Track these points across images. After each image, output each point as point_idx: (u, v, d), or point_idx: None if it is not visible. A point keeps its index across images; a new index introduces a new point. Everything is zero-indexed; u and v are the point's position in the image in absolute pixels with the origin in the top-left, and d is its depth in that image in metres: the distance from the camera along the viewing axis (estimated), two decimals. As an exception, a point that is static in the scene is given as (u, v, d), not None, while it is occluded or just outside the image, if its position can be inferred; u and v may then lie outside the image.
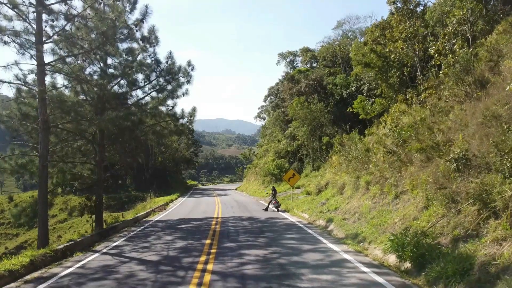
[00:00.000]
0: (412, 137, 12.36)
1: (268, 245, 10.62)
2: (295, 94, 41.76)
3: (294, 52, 60.88)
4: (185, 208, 26.07)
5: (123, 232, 14.93)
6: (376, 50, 19.07)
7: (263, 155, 52.12)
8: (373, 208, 12.72)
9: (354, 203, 15.10)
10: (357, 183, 16.17)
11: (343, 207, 15.91)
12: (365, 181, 15.08)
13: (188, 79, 19.33)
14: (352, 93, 39.61)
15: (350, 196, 16.50)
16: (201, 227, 15.16)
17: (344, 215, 14.65)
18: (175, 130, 20.35)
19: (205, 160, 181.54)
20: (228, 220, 17.33)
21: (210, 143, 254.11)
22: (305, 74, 45.49)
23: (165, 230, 15.05)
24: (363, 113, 23.05)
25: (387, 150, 14.00)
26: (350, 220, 13.46)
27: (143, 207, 28.50)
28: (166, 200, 32.63)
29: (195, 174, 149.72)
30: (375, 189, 13.64)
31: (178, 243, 11.67)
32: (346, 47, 49.23)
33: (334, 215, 15.32)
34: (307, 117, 35.58)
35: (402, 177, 12.03)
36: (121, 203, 42.46)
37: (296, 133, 38.23)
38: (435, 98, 13.91)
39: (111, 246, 11.77)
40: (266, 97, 58.79)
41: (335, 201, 17.97)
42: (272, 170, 39.70)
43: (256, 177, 49.51)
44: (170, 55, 17.94)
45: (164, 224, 17.17)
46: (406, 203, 10.90)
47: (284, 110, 44.91)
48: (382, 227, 10.65)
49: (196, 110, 20.19)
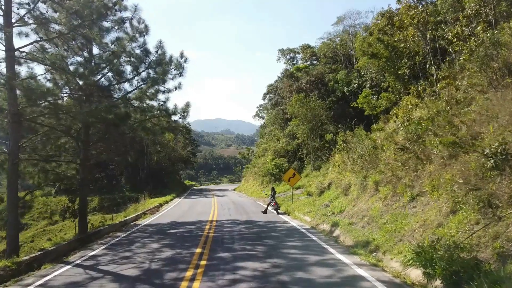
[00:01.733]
0: (429, 131, 10.96)
1: (267, 256, 9.17)
2: (295, 91, 40.38)
3: (294, 49, 59.45)
4: (179, 210, 24.62)
5: (106, 238, 13.48)
6: (383, 40, 17.65)
7: (262, 154, 50.69)
8: (385, 211, 11.29)
9: (362, 205, 13.68)
10: (365, 183, 14.76)
11: (349, 209, 14.50)
12: (373, 181, 13.66)
13: (180, 71, 17.90)
14: (354, 90, 38.30)
15: (356, 198, 15.08)
16: (192, 233, 13.71)
17: (351, 218, 13.23)
18: (168, 126, 18.90)
19: (204, 160, 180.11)
20: (224, 224, 15.89)
21: (209, 143, 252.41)
22: (305, 71, 44.08)
23: (153, 236, 13.60)
24: (368, 109, 21.62)
25: (398, 147, 12.59)
26: (359, 225, 12.04)
27: (135, 208, 27.05)
28: (160, 202, 31.19)
29: (194, 174, 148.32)
30: (386, 190, 12.21)
31: (164, 253, 10.22)
32: (347, 43, 47.89)
33: (340, 218, 13.91)
34: (307, 115, 34.20)
35: (419, 177, 10.61)
36: (115, 204, 40.95)
37: (295, 132, 36.80)
38: (452, 89, 12.49)
39: (88, 256, 10.31)
40: (265, 95, 57.36)
41: (339, 203, 16.56)
42: (271, 170, 38.29)
43: (255, 177, 48.08)
44: (160, 45, 16.48)
45: (153, 228, 15.72)
46: (425, 207, 9.47)
47: (283, 108, 43.50)
48: (398, 234, 9.22)
49: (190, 105, 18.69)
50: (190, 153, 63.87)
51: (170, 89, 18.46)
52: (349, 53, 47.89)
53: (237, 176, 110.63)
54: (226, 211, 21.81)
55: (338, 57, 48.25)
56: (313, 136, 34.81)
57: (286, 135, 41.89)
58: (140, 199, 35.79)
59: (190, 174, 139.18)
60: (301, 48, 57.60)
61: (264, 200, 28.28)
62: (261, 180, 42.67)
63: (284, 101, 43.78)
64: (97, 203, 42.65)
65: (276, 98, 49.20)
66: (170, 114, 18.36)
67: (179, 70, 17.90)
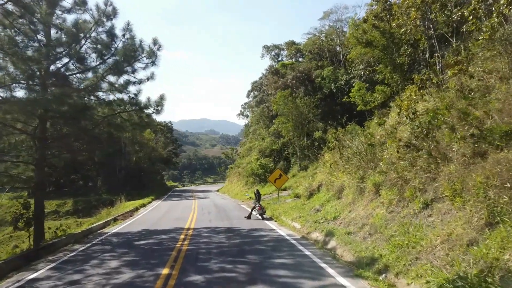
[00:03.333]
0: (444, 125, 9.21)
1: (251, 280, 7.24)
2: (280, 87, 38.55)
3: (279, 45, 57.77)
4: (155, 214, 22.48)
5: (60, 253, 11.33)
6: (379, 26, 15.91)
7: (246, 154, 48.77)
8: (391, 220, 9.50)
9: (360, 211, 11.87)
10: (362, 185, 12.97)
11: (345, 216, 12.69)
12: (373, 183, 11.87)
13: (153, 59, 15.99)
14: (341, 86, 36.73)
15: (352, 202, 13.29)
16: (163, 245, 11.68)
17: (348, 227, 11.42)
18: (139, 122, 16.82)
19: (188, 161, 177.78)
20: (202, 232, 13.90)
21: (193, 144, 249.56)
22: (291, 67, 42.30)
23: (116, 249, 11.51)
24: (361, 104, 19.89)
25: (404, 144, 10.82)
26: (359, 235, 10.23)
27: (107, 213, 24.78)
28: (137, 205, 28.98)
29: (178, 175, 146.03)
30: (390, 194, 10.42)
31: (123, 274, 8.19)
32: (334, 39, 46.39)
33: (334, 226, 12.10)
34: (293, 112, 32.43)
35: (433, 179, 8.83)
36: (90, 207, 38.47)
37: (281, 130, 34.96)
38: (464, 77, 10.76)
39: (24, 281, 8.21)
40: (249, 92, 55.48)
41: (332, 207, 14.77)
42: (256, 170, 36.39)
43: (239, 178, 46.11)
44: (127, 27, 14.42)
45: (119, 239, 13.62)
46: (444, 216, 7.68)
47: (268, 105, 41.65)
48: (412, 251, 7.41)
49: (164, 98, 16.67)
50: (172, 153, 61.47)
51: (142, 80, 16.57)
52: (335, 50, 46.46)
53: (221, 176, 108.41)
54: (206, 216, 19.81)
55: (324, 54, 46.68)
56: (300, 135, 33.05)
57: (271, 133, 40.08)
58: (116, 202, 33.52)
59: (174, 174, 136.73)
60: (286, 44, 55.98)
61: (248, 203, 26.34)
62: (246, 181, 40.76)
63: (269, 98, 41.93)
64: (71, 206, 40.16)
65: (261, 95, 47.33)
66: (141, 108, 16.38)
67: (152, 58, 15.99)
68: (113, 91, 16.16)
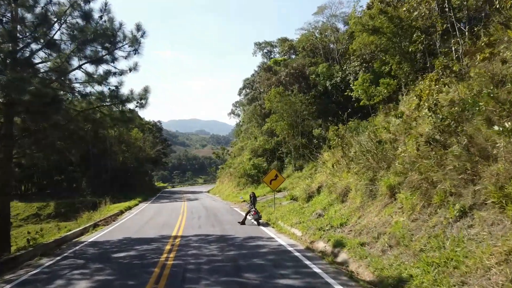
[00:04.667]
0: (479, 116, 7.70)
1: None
2: (273, 84, 37.04)
3: (271, 42, 56.27)
4: (140, 219, 20.74)
5: (21, 270, 9.57)
6: (387, 11, 14.43)
7: (238, 154, 47.14)
8: (416, 229, 7.96)
9: (373, 217, 10.33)
10: (372, 187, 11.46)
11: (354, 222, 11.16)
12: (387, 185, 10.35)
13: (136, 47, 14.29)
14: (337, 84, 35.36)
15: (360, 207, 11.77)
16: (146, 258, 10.01)
17: (360, 236, 9.88)
18: (121, 117, 15.08)
19: (178, 161, 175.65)
20: (190, 242, 12.25)
21: (183, 144, 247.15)
22: (284, 63, 40.78)
23: (90, 264, 9.79)
24: (365, 98, 18.39)
25: (425, 140, 9.31)
26: (375, 247, 8.69)
27: (88, 217, 22.93)
28: (122, 208, 27.17)
29: (168, 175, 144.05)
30: (412, 198, 8.89)
31: (90, 302, 6.52)
32: (328, 36, 45.07)
33: (343, 235, 10.55)
34: (287, 110, 30.91)
35: (470, 181, 7.30)
36: (73, 210, 36.35)
37: (274, 128, 33.37)
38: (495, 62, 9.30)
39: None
40: (240, 90, 53.83)
41: (336, 212, 13.26)
42: (249, 171, 34.77)
43: (230, 178, 44.46)
44: (105, 8, 12.70)
45: (96, 250, 11.88)
46: (493, 227, 6.15)
47: (261, 103, 40.07)
48: (454, 272, 5.89)
49: (149, 91, 14.99)
50: (161, 153, 59.52)
51: (124, 71, 14.88)
52: (329, 47, 45.09)
53: (212, 177, 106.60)
54: (195, 220, 18.14)
55: (318, 51, 45.28)
56: (294, 133, 31.53)
57: (264, 132, 38.48)
58: (101, 204, 31.59)
59: (163, 175, 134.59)
60: (278, 41, 54.48)
61: (240, 206, 24.71)
62: (237, 181, 39.12)
63: (262, 95, 40.36)
64: (53, 209, 38.02)
65: (253, 93, 45.74)
66: (123, 101, 14.67)
67: (135, 46, 14.29)
68: (91, 82, 14.46)
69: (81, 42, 12.84)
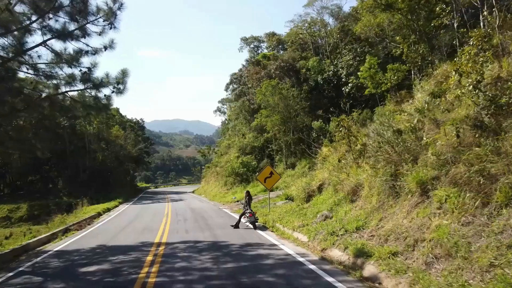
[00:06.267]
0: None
1: None
2: (263, 78, 35.13)
3: (259, 37, 54.31)
4: (119, 222, 18.56)
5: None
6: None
7: (225, 152, 45.02)
8: (474, 236, 6.16)
9: (400, 220, 8.50)
10: (393, 184, 9.64)
11: (374, 225, 9.33)
12: (416, 180, 8.51)
13: (111, 20, 12.15)
14: (329, 78, 33.71)
15: (379, 207, 9.99)
16: (121, 274, 7.96)
17: (387, 243, 8.06)
18: (94, 104, 12.92)
19: (162, 161, 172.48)
20: (177, 250, 10.22)
21: (167, 144, 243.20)
22: (274, 57, 38.92)
23: (48, 283, 7.69)
24: (372, 86, 16.62)
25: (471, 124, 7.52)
26: (414, 258, 6.89)
27: (61, 221, 20.59)
28: (100, 209, 24.90)
29: (151, 176, 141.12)
30: (458, 196, 7.06)
31: None
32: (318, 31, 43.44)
33: (363, 241, 8.69)
34: (279, 104, 29.06)
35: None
36: (47, 212, 33.71)
37: (265, 124, 31.45)
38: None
39: None
40: (227, 85, 51.69)
41: (346, 213, 11.51)
42: (237, 169, 32.78)
43: (217, 178, 42.36)
44: (73, -32, 10.58)
45: (60, 262, 9.74)
46: None
47: (249, 98, 38.16)
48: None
49: (127, 74, 12.87)
50: (143, 152, 56.94)
51: (98, 50, 12.71)
52: (319, 42, 43.48)
53: (196, 177, 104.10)
54: (181, 224, 16.09)
55: (307, 46, 43.59)
56: (286, 129, 29.69)
57: (253, 129, 36.52)
58: (77, 206, 29.18)
59: (147, 175, 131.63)
60: (266, 36, 52.52)
61: (230, 207, 22.72)
62: (225, 181, 37.05)
63: (250, 90, 38.45)
64: (26, 211, 35.27)
65: (241, 88, 43.72)
66: (97, 85, 12.52)
67: (110, 19, 12.13)
68: (59, 63, 12.28)
69: (44, 11, 10.68)
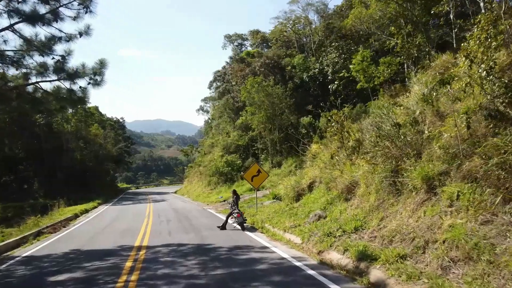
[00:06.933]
0: None
1: None
2: (247, 76, 34.33)
3: (243, 35, 53.55)
4: (97, 224, 17.47)
5: None
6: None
7: (208, 151, 44.01)
8: (498, 236, 5.52)
9: (405, 219, 7.82)
10: (396, 181, 8.97)
11: (375, 225, 8.64)
12: (421, 176, 7.83)
13: (87, 4, 11.24)
14: (315, 75, 33.20)
15: (378, 205, 9.31)
16: (96, 284, 7.01)
17: (392, 244, 7.38)
18: (69, 97, 11.87)
19: (143, 162, 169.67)
20: (159, 255, 9.31)
21: (148, 144, 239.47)
22: (259, 53, 38.18)
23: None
24: (364, 80, 15.98)
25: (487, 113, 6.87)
26: (426, 262, 6.21)
27: (35, 223, 19.27)
28: (77, 211, 23.65)
29: (132, 177, 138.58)
30: (472, 193, 6.40)
31: None
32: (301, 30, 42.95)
33: (364, 242, 7.97)
34: (264, 102, 28.33)
35: None
36: (21, 214, 32.02)
37: (250, 122, 30.65)
38: None
39: None
40: (211, 83, 50.64)
41: (342, 212, 10.84)
42: (221, 168, 31.87)
43: (200, 178, 41.34)
44: None
45: (27, 270, 8.69)
46: None
47: (234, 96, 37.27)
48: None
49: (106, 64, 11.94)
50: (124, 151, 55.36)
51: (72, 36, 11.74)
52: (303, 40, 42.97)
53: (178, 177, 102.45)
54: (164, 225, 15.13)
55: (292, 44, 43.05)
56: (272, 127, 28.96)
57: (237, 127, 35.67)
58: (54, 207, 27.73)
59: (128, 176, 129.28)
60: (250, 33, 51.81)
61: (215, 207, 21.83)
62: (208, 180, 36.09)
63: (234, 88, 37.57)
64: (-1, 213, 33.51)
65: (225, 86, 42.77)
66: (71, 76, 11.53)
67: (85, 2, 11.19)
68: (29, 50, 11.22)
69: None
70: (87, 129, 42.38)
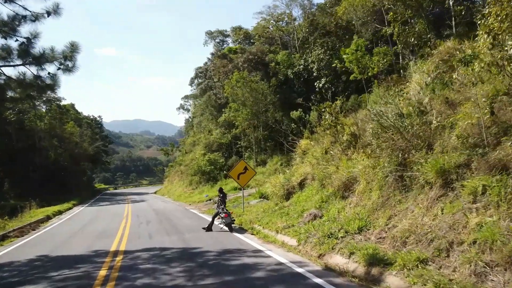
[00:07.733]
0: None
1: None
2: (230, 72, 33.26)
3: (224, 31, 52.41)
4: (70, 226, 16.12)
5: None
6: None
7: (189, 150, 42.70)
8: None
9: (421, 218, 6.96)
10: (403, 176, 8.10)
11: (382, 225, 7.76)
12: (436, 169, 7.02)
13: (53, -25, 9.98)
14: (299, 72, 32.38)
15: (384, 203, 8.41)
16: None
17: (406, 246, 6.54)
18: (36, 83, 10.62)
19: (122, 162, 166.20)
20: (138, 261, 8.18)
21: (127, 145, 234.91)
22: (242, 49, 37.16)
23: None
24: (357, 71, 15.15)
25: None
26: (453, 267, 5.40)
27: (2, 226, 17.76)
28: (49, 212, 22.11)
29: (111, 178, 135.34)
30: (502, 187, 5.56)
31: None
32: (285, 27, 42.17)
33: (372, 244, 7.10)
34: (248, 98, 27.33)
35: None
36: (-10, 216, 30.11)
37: (234, 119, 29.58)
38: None
39: None
40: (192, 79, 49.33)
41: (340, 211, 9.94)
42: (204, 167, 30.68)
43: (181, 177, 40.00)
44: None
45: (-18, 281, 7.46)
46: None
47: (216, 93, 36.09)
48: None
49: (78, 48, 10.67)
50: (101, 150, 53.39)
51: (39, 15, 10.47)
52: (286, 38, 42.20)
53: (158, 178, 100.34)
54: (144, 227, 13.95)
55: (275, 40, 42.19)
56: (257, 125, 27.99)
57: (220, 125, 34.55)
58: (25, 209, 26.02)
59: (106, 177, 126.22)
60: (232, 30, 50.72)
61: (198, 207, 20.70)
62: (190, 180, 34.82)
63: (217, 84, 36.40)
64: (-35, 217, 31.42)
65: (207, 82, 41.55)
66: (38, 59, 10.30)
67: (50, -28, 9.95)
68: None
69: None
70: (62, 127, 40.45)
